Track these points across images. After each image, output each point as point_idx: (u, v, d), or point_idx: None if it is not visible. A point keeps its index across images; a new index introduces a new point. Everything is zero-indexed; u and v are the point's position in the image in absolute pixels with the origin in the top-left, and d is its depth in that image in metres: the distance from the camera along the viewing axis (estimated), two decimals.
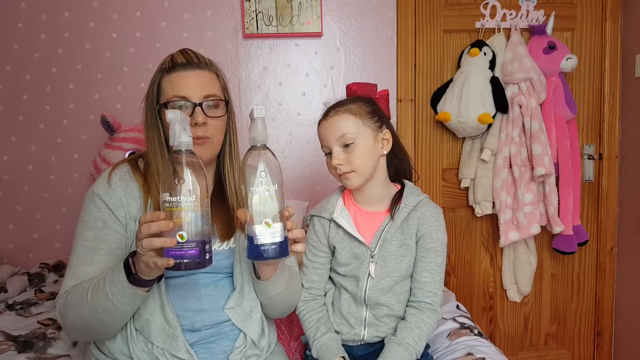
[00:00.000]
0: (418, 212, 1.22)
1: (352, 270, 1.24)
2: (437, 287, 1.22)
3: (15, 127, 2.11)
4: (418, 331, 1.18)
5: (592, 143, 2.33)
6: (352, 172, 1.17)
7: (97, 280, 0.99)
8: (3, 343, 1.37)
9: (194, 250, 0.88)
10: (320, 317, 1.25)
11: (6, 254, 2.13)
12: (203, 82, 1.10)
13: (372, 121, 1.20)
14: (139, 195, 1.10)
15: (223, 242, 1.14)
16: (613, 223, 2.34)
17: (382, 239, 1.21)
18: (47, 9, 2.06)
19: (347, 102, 1.22)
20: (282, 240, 0.94)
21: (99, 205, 1.08)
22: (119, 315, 1.01)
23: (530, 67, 2.04)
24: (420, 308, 1.21)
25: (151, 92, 1.12)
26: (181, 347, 1.07)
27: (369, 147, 1.19)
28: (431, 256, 1.22)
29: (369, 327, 1.24)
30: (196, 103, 1.08)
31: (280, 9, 2.07)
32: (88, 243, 1.07)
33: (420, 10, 2.19)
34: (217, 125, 1.11)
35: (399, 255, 1.22)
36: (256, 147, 0.94)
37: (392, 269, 1.22)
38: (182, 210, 0.87)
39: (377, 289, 1.22)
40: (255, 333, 1.15)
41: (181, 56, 1.10)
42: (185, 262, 0.87)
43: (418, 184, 1.38)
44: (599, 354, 2.42)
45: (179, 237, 0.86)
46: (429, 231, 1.22)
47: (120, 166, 1.14)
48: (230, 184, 1.17)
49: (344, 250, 1.24)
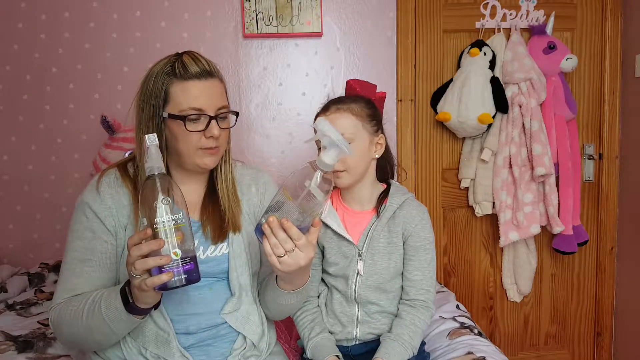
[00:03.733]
0: (404, 210, 1.24)
1: (341, 270, 1.25)
2: (429, 285, 1.24)
3: (15, 127, 2.11)
4: (413, 327, 1.20)
5: (592, 143, 2.33)
6: (344, 172, 1.19)
7: (92, 302, 0.99)
8: (3, 343, 1.37)
9: (189, 264, 0.89)
10: (314, 318, 1.26)
11: (6, 254, 2.13)
12: (216, 93, 1.07)
13: (370, 125, 1.21)
14: (129, 202, 1.08)
15: (216, 246, 1.13)
16: (613, 223, 2.34)
17: (369, 237, 1.23)
18: (47, 9, 2.06)
19: (349, 100, 1.22)
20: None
21: (88, 214, 1.07)
22: (114, 336, 1.02)
23: (530, 67, 2.04)
24: (414, 305, 1.22)
25: (156, 96, 1.04)
26: (175, 352, 1.06)
27: (364, 150, 1.20)
28: (420, 254, 1.23)
29: (361, 325, 1.25)
30: (211, 116, 1.05)
31: (280, 9, 2.07)
32: (77, 254, 1.07)
33: (420, 10, 2.19)
34: (225, 135, 1.11)
35: (387, 252, 1.23)
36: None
37: (381, 267, 1.23)
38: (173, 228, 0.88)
39: (366, 287, 1.23)
40: (255, 335, 1.15)
41: (194, 64, 1.05)
42: (184, 277, 0.88)
43: (407, 183, 1.39)
44: (599, 354, 2.42)
45: (173, 254, 0.87)
46: (416, 230, 1.23)
47: (109, 172, 1.12)
48: (223, 186, 1.16)
49: (332, 249, 1.25)
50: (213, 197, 1.17)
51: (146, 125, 1.06)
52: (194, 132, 1.04)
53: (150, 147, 0.89)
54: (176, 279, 0.87)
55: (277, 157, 2.20)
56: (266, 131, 2.19)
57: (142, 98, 1.07)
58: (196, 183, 1.17)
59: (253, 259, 1.19)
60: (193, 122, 1.04)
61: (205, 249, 1.13)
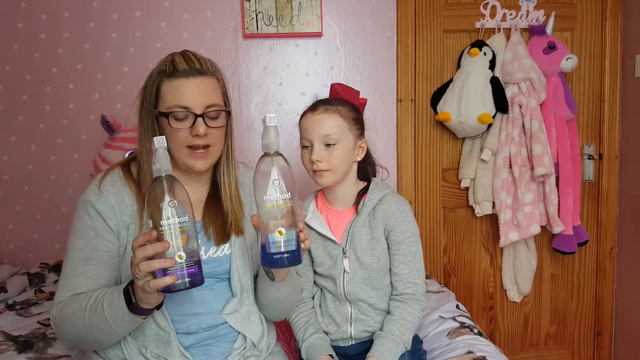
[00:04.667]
0: (383, 205, 1.25)
1: (328, 270, 1.28)
2: (416, 277, 1.25)
3: (15, 127, 2.11)
4: (403, 322, 1.20)
5: (592, 143, 2.32)
6: (328, 171, 1.22)
7: (94, 300, 0.99)
8: (3, 343, 1.37)
9: (194, 267, 0.89)
10: (308, 320, 1.28)
11: (6, 254, 2.13)
12: (205, 91, 1.07)
13: (355, 128, 1.26)
14: (131, 201, 1.09)
15: (218, 247, 1.14)
16: (613, 223, 2.34)
17: (350, 233, 1.25)
18: (47, 9, 2.06)
19: (336, 102, 1.26)
20: (295, 248, 0.92)
21: (91, 213, 1.07)
22: (115, 335, 1.02)
23: (530, 67, 2.04)
24: (403, 300, 1.24)
25: (149, 94, 1.08)
26: (175, 352, 1.07)
27: (348, 151, 1.24)
28: (404, 248, 1.25)
29: (355, 323, 1.27)
30: (198, 114, 1.05)
31: (280, 9, 2.07)
32: (80, 252, 1.07)
33: (420, 10, 2.19)
34: (217, 134, 1.10)
35: (369, 248, 1.25)
36: (269, 154, 0.93)
37: (365, 262, 1.25)
38: (178, 230, 0.87)
39: (354, 283, 1.25)
40: (255, 335, 1.15)
41: (183, 61, 1.06)
42: (188, 281, 0.88)
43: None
44: (599, 354, 2.42)
45: (178, 257, 0.86)
46: (397, 223, 1.24)
47: (112, 172, 1.12)
48: (225, 188, 1.16)
49: (318, 249, 1.29)
50: (216, 199, 1.17)
51: (144, 123, 1.09)
52: (181, 130, 1.05)
53: (158, 149, 0.89)
54: (180, 282, 0.87)
55: None
56: None
57: (141, 97, 1.10)
58: (199, 184, 1.17)
59: (254, 260, 1.19)
60: (179, 121, 1.05)
61: (207, 250, 1.13)
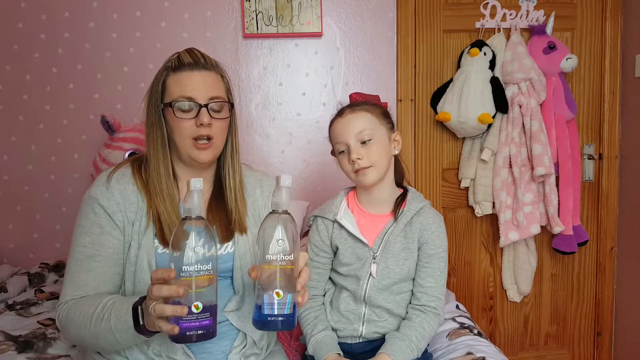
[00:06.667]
0: (421, 217, 1.25)
1: (353, 270, 1.25)
2: (440, 292, 1.25)
3: (15, 127, 2.11)
4: (421, 330, 1.20)
5: (592, 143, 2.32)
6: (370, 168, 1.19)
7: (102, 309, 0.99)
8: (3, 343, 1.37)
9: (208, 320, 0.85)
10: (317, 315, 1.27)
11: (6, 254, 2.13)
12: (209, 83, 1.10)
13: (386, 122, 1.24)
14: (137, 198, 1.09)
15: (222, 245, 1.14)
16: (613, 223, 2.34)
17: (385, 240, 1.23)
18: (47, 9, 2.06)
19: (361, 103, 1.26)
20: (290, 312, 0.87)
21: (96, 209, 1.08)
22: (118, 345, 1.02)
23: (530, 67, 2.04)
24: (425, 311, 1.23)
25: (155, 90, 1.11)
26: (177, 349, 1.07)
27: (385, 145, 1.22)
28: (434, 262, 1.24)
29: (367, 324, 1.26)
30: (202, 104, 1.07)
31: (280, 9, 2.07)
32: (85, 249, 1.07)
33: (420, 10, 2.19)
34: (220, 126, 1.11)
35: (401, 258, 1.24)
36: (277, 212, 0.90)
37: (394, 271, 1.23)
38: (199, 279, 0.84)
39: (377, 289, 1.24)
40: (256, 333, 1.15)
41: (188, 56, 1.10)
42: (199, 334, 0.84)
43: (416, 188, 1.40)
44: (599, 354, 2.42)
45: (194, 307, 0.83)
46: (432, 237, 1.24)
47: (121, 169, 1.14)
48: (230, 184, 1.17)
49: (346, 250, 1.25)
50: (219, 197, 1.17)
51: (150, 119, 1.11)
52: (185, 120, 1.07)
53: (193, 191, 0.87)
54: (191, 334, 0.84)
55: (277, 157, 2.20)
56: (266, 131, 2.19)
57: (149, 94, 1.13)
58: (203, 180, 1.17)
59: (257, 259, 1.19)
60: (184, 111, 1.07)
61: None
